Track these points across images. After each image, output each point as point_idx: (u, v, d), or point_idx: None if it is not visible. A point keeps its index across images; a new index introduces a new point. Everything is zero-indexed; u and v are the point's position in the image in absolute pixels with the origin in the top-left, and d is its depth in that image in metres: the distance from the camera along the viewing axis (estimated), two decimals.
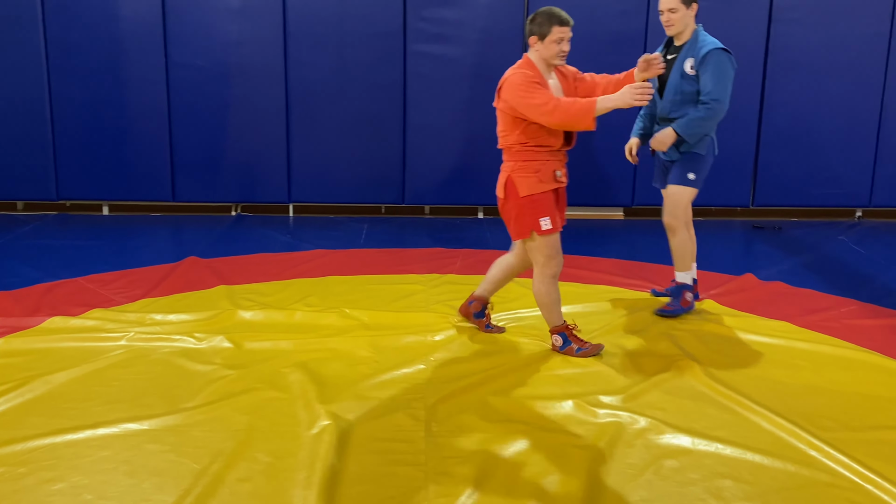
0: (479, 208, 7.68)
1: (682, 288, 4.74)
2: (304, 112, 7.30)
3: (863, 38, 7.16)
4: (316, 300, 4.96)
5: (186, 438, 3.23)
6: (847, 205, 7.54)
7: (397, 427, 3.35)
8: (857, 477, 3.01)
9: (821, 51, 7.18)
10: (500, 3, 7.11)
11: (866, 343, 4.36)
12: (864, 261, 6.13)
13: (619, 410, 3.51)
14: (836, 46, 7.17)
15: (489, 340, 4.32)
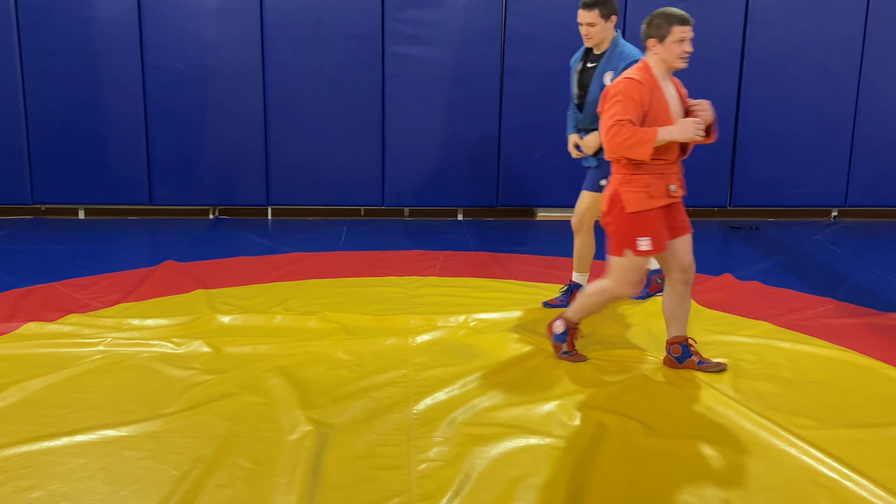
0: (459, 210, 7.68)
1: (573, 287, 4.94)
2: (282, 114, 7.26)
3: (837, 39, 7.23)
4: (295, 304, 4.93)
5: (165, 444, 3.20)
6: (823, 205, 7.61)
7: (379, 431, 3.34)
8: (836, 475, 3.04)
9: (796, 52, 7.24)
10: (478, 5, 7.12)
11: (843, 342, 4.40)
12: (840, 260, 6.19)
13: (601, 411, 3.52)
14: (811, 48, 7.24)
15: (470, 344, 4.32)
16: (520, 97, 7.28)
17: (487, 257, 6.09)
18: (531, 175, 7.44)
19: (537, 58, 7.20)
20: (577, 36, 7.13)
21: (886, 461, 3.15)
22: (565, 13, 7.10)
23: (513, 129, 7.35)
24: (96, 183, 7.23)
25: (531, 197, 7.53)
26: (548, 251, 6.36)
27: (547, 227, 7.36)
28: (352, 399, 3.62)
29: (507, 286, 5.34)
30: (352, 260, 5.96)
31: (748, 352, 4.24)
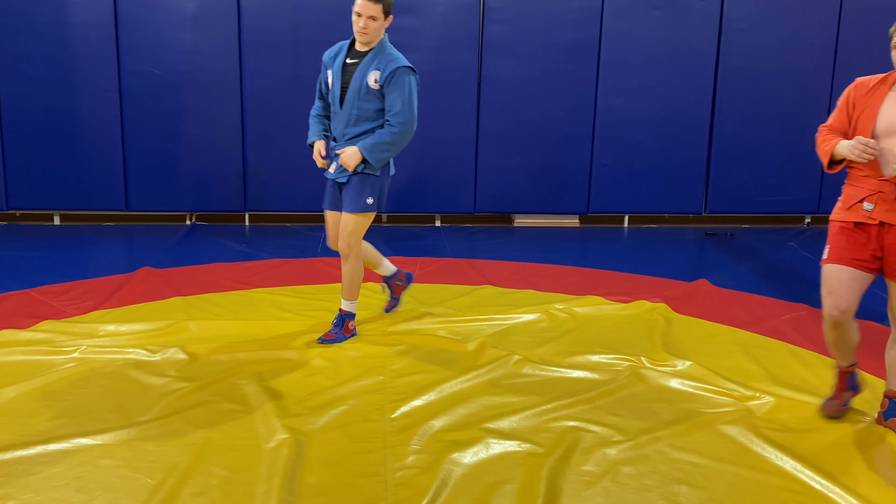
0: (437, 216, 7.69)
1: (345, 317, 4.46)
2: (259, 120, 7.25)
3: (810, 47, 7.33)
4: (273, 310, 4.92)
5: (140, 453, 3.18)
6: (796, 211, 7.70)
7: (356, 438, 3.34)
8: (809, 480, 3.07)
9: (770, 61, 7.33)
10: (456, 12, 7.15)
11: (816, 347, 4.46)
12: (813, 266, 6.27)
13: (577, 418, 3.54)
14: (785, 56, 7.33)
15: (447, 350, 4.33)
16: (497, 104, 7.32)
17: (465, 264, 6.11)
18: (509, 182, 7.47)
19: (514, 65, 7.24)
20: (555, 43, 7.24)
21: (858, 466, 3.19)
22: (542, 21, 7.16)
23: (490, 135, 7.38)
24: (72, 189, 7.18)
25: (509, 203, 7.57)
26: (525, 257, 6.39)
27: (524, 233, 7.39)
28: (329, 406, 3.62)
29: (484, 292, 5.35)
30: (330, 266, 5.96)
31: (723, 358, 4.28)
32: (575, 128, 7.41)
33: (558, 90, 7.30)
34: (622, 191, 7.51)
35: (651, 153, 7.44)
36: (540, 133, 7.40)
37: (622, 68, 7.28)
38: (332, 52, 4.33)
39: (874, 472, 3.16)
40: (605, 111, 7.36)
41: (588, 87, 7.32)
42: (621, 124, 7.38)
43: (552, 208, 7.61)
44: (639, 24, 7.21)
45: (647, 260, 6.40)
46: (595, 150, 7.43)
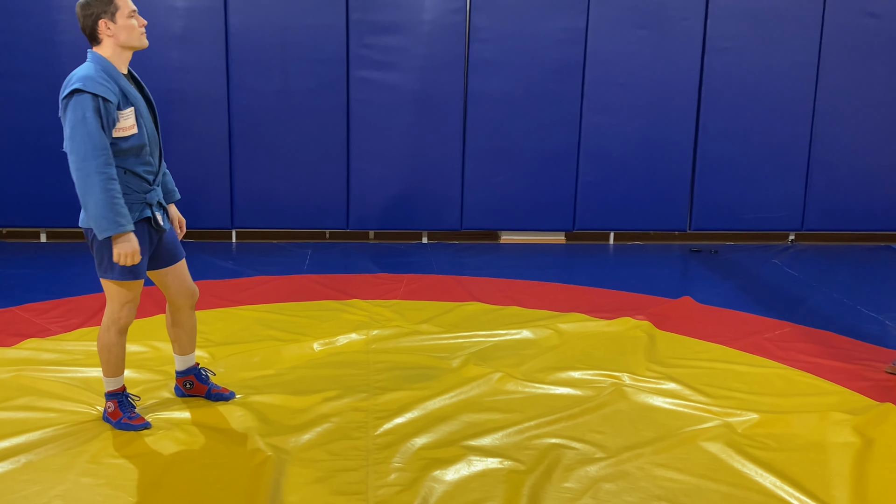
0: (424, 233, 7.72)
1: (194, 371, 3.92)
2: (247, 138, 7.27)
3: (792, 67, 7.41)
4: (258, 328, 4.93)
5: (122, 471, 3.18)
6: (780, 228, 7.76)
7: (338, 456, 3.35)
8: (789, 497, 3.10)
9: (753, 80, 7.41)
10: (442, 31, 7.20)
11: (800, 364, 4.49)
12: (797, 283, 6.32)
13: (559, 436, 3.56)
14: (768, 75, 7.40)
15: (431, 367, 4.34)
16: (483, 122, 7.37)
17: (451, 280, 6.14)
18: (495, 199, 7.51)
19: (500, 84, 7.29)
20: (540, 62, 7.31)
21: (839, 483, 3.22)
22: (527, 40, 7.23)
23: (476, 153, 7.42)
24: (58, 206, 7.16)
25: (495, 220, 7.60)
26: (511, 274, 6.42)
27: (511, 250, 7.42)
28: (311, 424, 3.62)
29: (470, 309, 5.37)
30: (316, 283, 5.97)
31: (705, 375, 4.31)
32: (560, 145, 7.47)
33: (544, 108, 7.36)
34: (607, 208, 7.56)
35: (636, 171, 7.50)
36: (526, 150, 7.45)
37: (607, 87, 7.35)
38: (107, 86, 3.25)
39: (854, 488, 3.18)
40: (591, 129, 7.42)
41: (573, 105, 7.38)
42: (606, 142, 7.44)
43: (538, 225, 7.64)
44: (623, 43, 7.28)
45: (631, 277, 6.44)
46: (580, 167, 7.48)
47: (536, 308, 5.45)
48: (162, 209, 3.56)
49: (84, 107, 3.17)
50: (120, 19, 3.31)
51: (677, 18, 7.27)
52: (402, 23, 7.16)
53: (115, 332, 3.50)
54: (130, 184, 3.37)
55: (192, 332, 3.81)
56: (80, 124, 3.18)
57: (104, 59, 3.32)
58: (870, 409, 3.87)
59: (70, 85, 3.23)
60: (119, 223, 3.22)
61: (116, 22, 3.30)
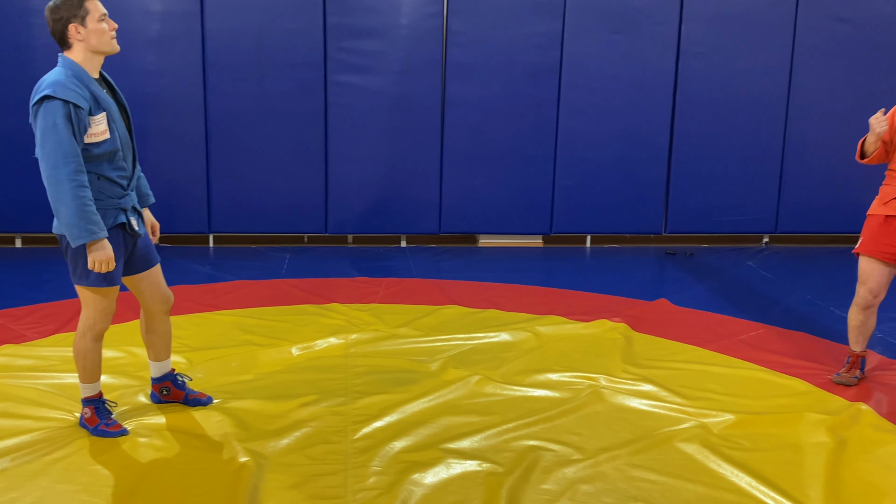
0: (402, 237, 7.73)
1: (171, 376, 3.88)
2: (224, 142, 7.25)
3: (765, 71, 7.50)
4: (236, 333, 4.92)
5: (98, 478, 3.16)
6: (754, 231, 7.85)
7: (317, 461, 3.35)
8: (763, 497, 3.14)
9: (727, 84, 7.49)
10: (419, 35, 7.22)
11: (774, 366, 4.55)
12: (771, 285, 6.39)
13: (537, 438, 3.58)
14: (741, 79, 7.49)
15: (410, 371, 4.35)
16: (461, 126, 7.39)
17: (430, 284, 6.15)
18: (473, 202, 7.53)
19: (478, 88, 7.32)
20: (517, 66, 7.34)
21: (812, 483, 3.26)
22: (504, 45, 7.26)
23: (455, 157, 7.44)
24: (33, 211, 7.10)
25: (473, 224, 7.63)
26: (489, 277, 6.44)
27: (489, 253, 7.45)
28: (290, 429, 3.62)
29: (448, 312, 5.39)
30: (294, 287, 5.96)
31: (681, 377, 4.35)
32: (538, 149, 7.51)
33: (521, 112, 7.40)
34: (584, 211, 7.61)
35: (612, 174, 7.55)
36: (503, 154, 7.48)
37: (583, 91, 7.40)
38: (78, 91, 3.22)
39: (828, 488, 3.23)
40: (567, 133, 7.46)
41: (550, 109, 7.42)
42: (582, 146, 7.49)
43: (516, 228, 7.68)
44: (599, 47, 7.33)
45: (608, 279, 6.48)
46: (557, 171, 7.53)
47: (514, 311, 5.48)
48: (136, 214, 3.55)
49: (54, 113, 3.14)
50: (90, 23, 3.27)
51: (652, 23, 7.34)
52: (379, 27, 7.18)
53: (90, 338, 3.48)
54: (104, 189, 3.35)
55: (166, 338, 3.80)
56: (50, 131, 3.14)
57: (75, 63, 3.29)
58: (843, 409, 3.93)
59: (40, 91, 3.19)
60: (91, 231, 3.20)
61: (87, 26, 3.27)
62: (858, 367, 4.34)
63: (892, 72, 7.58)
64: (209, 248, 7.45)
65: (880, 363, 4.61)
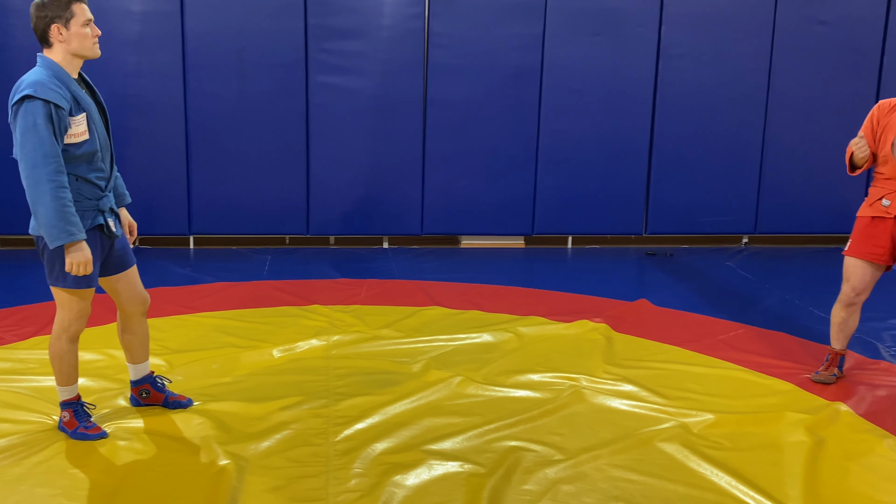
0: (385, 238, 7.73)
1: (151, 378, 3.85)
2: (204, 143, 7.22)
3: (745, 72, 7.56)
4: (216, 335, 4.90)
5: (77, 481, 3.14)
6: (734, 231, 7.90)
7: (298, 463, 3.34)
8: (743, 496, 3.16)
9: (706, 85, 7.54)
10: (401, 36, 7.22)
11: (754, 365, 4.58)
12: (751, 285, 6.44)
13: (518, 438, 3.59)
14: (720, 80, 7.54)
15: (392, 372, 4.35)
16: (443, 127, 7.40)
17: (412, 285, 6.15)
18: (455, 203, 7.54)
19: (459, 89, 7.33)
20: (498, 67, 7.35)
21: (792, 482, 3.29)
22: (485, 46, 7.28)
23: (437, 158, 7.45)
24: (11, 213, 7.03)
25: (455, 225, 7.63)
26: (471, 278, 6.45)
27: (471, 254, 7.46)
28: (271, 431, 3.61)
29: (430, 314, 5.39)
30: (276, 289, 5.95)
31: (661, 376, 4.38)
32: (519, 150, 7.52)
33: (503, 113, 7.41)
34: (566, 212, 7.63)
35: (593, 175, 7.58)
36: (485, 155, 7.50)
37: (564, 93, 7.42)
38: (58, 92, 3.21)
39: (806, 487, 3.25)
40: (548, 134, 7.49)
41: (531, 110, 7.44)
42: (564, 147, 7.51)
43: (498, 229, 7.69)
44: (579, 49, 7.36)
45: (589, 280, 6.51)
46: (539, 172, 7.55)
47: (496, 312, 5.49)
48: (114, 215, 3.53)
49: (35, 113, 3.12)
50: (74, 27, 3.26)
51: (632, 25, 7.37)
52: (361, 28, 7.17)
53: (66, 341, 3.45)
54: (82, 191, 3.33)
55: (144, 340, 3.78)
56: (30, 131, 3.12)
57: (55, 63, 3.27)
58: (821, 408, 3.96)
59: (20, 91, 3.16)
60: (70, 232, 3.18)
61: (70, 29, 3.25)
62: (837, 365, 4.38)
63: (869, 73, 7.66)
64: (189, 249, 7.42)
65: (858, 362, 4.65)
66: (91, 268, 3.28)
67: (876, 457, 3.52)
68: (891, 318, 5.51)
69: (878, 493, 3.22)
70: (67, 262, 3.24)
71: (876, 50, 7.63)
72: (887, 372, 4.54)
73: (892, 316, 5.55)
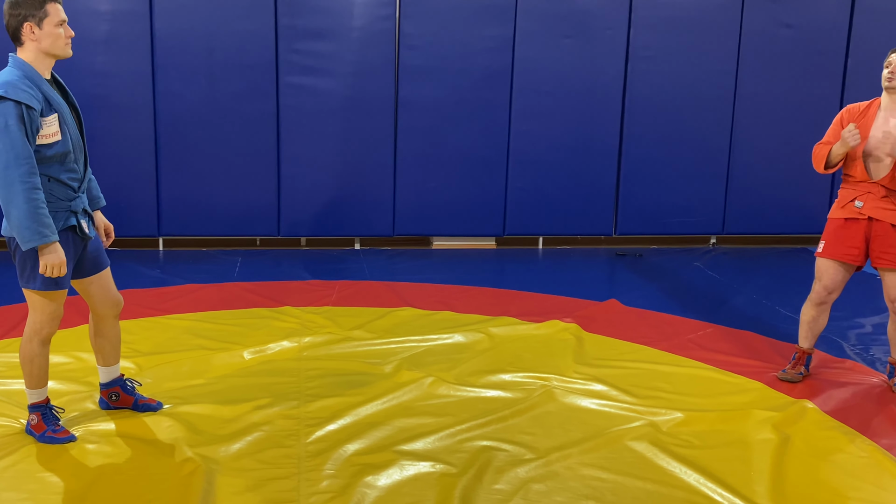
0: (356, 239, 7.72)
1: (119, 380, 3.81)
2: (174, 144, 7.16)
3: (712, 75, 7.65)
4: (186, 337, 4.86)
5: (46, 485, 3.11)
6: (702, 232, 7.99)
7: (269, 465, 3.33)
8: (711, 493, 3.20)
9: (675, 87, 7.62)
10: (371, 37, 7.22)
11: (722, 364, 4.64)
12: (719, 285, 6.52)
13: (490, 438, 3.61)
14: (689, 82, 7.63)
15: (364, 373, 4.35)
16: (414, 128, 7.41)
17: (384, 286, 6.15)
18: (427, 204, 7.55)
19: (430, 90, 7.34)
20: (469, 69, 7.37)
21: (759, 479, 3.34)
22: (456, 48, 7.30)
23: (408, 159, 7.46)
24: None
25: (427, 226, 7.65)
26: (443, 279, 6.47)
27: (443, 255, 7.48)
28: (242, 433, 3.60)
29: (402, 315, 5.40)
30: (246, 291, 5.92)
31: (631, 376, 4.42)
32: (490, 152, 7.56)
33: (473, 115, 7.44)
34: (536, 213, 7.68)
35: (563, 176, 7.63)
36: (457, 157, 7.52)
37: (534, 94, 7.47)
38: (30, 92, 3.19)
39: (773, 483, 3.30)
40: (519, 136, 7.52)
41: (502, 112, 7.48)
42: (534, 148, 7.55)
43: (469, 230, 7.71)
44: (549, 51, 7.41)
45: (560, 280, 6.55)
46: (510, 173, 7.58)
47: (468, 312, 5.50)
48: (87, 216, 3.50)
49: (6, 115, 3.11)
50: (47, 26, 3.25)
51: (601, 28, 7.43)
52: (331, 29, 7.16)
53: (37, 343, 3.42)
54: (54, 191, 3.30)
55: (116, 343, 3.75)
56: (2, 132, 3.11)
57: (26, 64, 3.25)
58: (788, 406, 4.02)
59: None
60: (43, 234, 3.16)
61: (42, 28, 3.24)
62: (804, 363, 4.45)
63: (833, 76, 7.79)
64: (159, 251, 7.36)
65: (825, 361, 4.72)
66: (65, 270, 3.26)
67: (841, 453, 3.58)
68: (856, 317, 5.61)
69: (843, 488, 3.28)
70: (42, 263, 3.22)
71: (840, 53, 7.76)
72: (853, 370, 4.62)
73: (857, 315, 5.64)
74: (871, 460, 3.52)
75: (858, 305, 5.82)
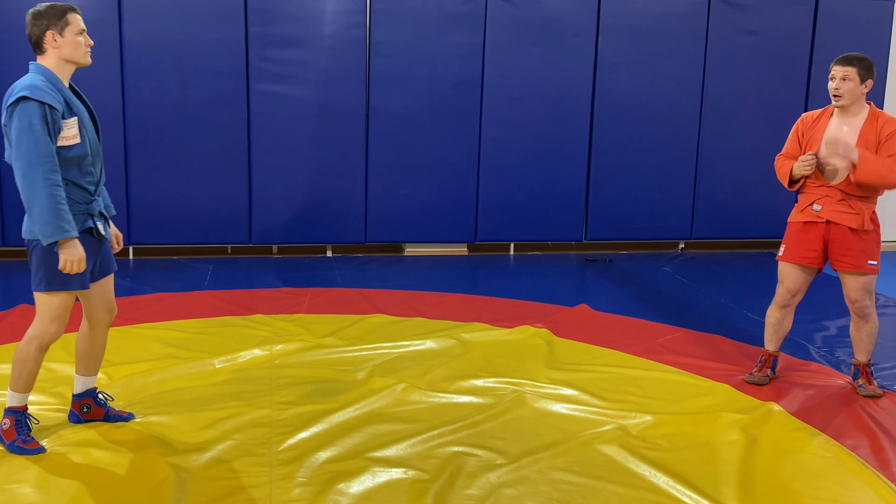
0: (328, 246, 7.72)
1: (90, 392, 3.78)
2: (143, 152, 7.12)
3: (680, 82, 7.75)
4: (156, 346, 4.84)
5: (15, 499, 3.09)
6: (670, 237, 8.09)
7: (241, 473, 3.33)
8: (680, 495, 3.25)
9: (643, 94, 7.71)
10: (342, 45, 7.23)
11: (690, 368, 4.70)
12: (687, 290, 6.60)
13: (462, 444, 3.63)
14: (656, 90, 7.73)
15: (336, 381, 4.36)
16: (385, 135, 7.43)
17: (356, 293, 6.16)
18: (398, 211, 7.57)
19: (401, 97, 7.37)
20: (440, 77, 7.41)
21: (727, 481, 3.39)
22: (427, 55, 7.33)
23: (379, 166, 7.47)
24: None
25: (399, 233, 7.66)
26: (415, 286, 6.48)
27: (414, 261, 7.50)
28: (214, 442, 3.59)
29: (374, 321, 5.40)
30: (217, 299, 5.90)
31: (601, 379, 4.47)
32: (461, 158, 7.59)
33: (444, 122, 7.47)
34: (507, 219, 7.72)
35: (533, 183, 7.69)
36: (428, 163, 7.55)
37: (504, 101, 7.52)
38: (52, 94, 3.29)
39: (741, 484, 3.36)
40: (489, 142, 7.57)
41: (473, 119, 7.52)
42: (505, 155, 7.61)
43: (441, 237, 7.74)
44: (519, 59, 7.47)
45: (531, 286, 6.60)
46: (481, 180, 7.63)
47: (439, 318, 5.53)
48: (103, 219, 3.58)
49: (30, 114, 3.20)
50: (68, 34, 3.37)
51: (570, 35, 7.51)
52: (302, 36, 7.16)
53: (35, 346, 3.45)
54: (72, 195, 3.39)
55: (101, 354, 3.78)
56: (26, 132, 3.19)
57: (48, 69, 3.37)
58: (755, 408, 4.09)
59: (15, 93, 3.25)
60: (64, 229, 3.23)
61: (64, 36, 3.36)
62: (770, 366, 4.52)
63: (796, 81, 7.93)
64: (129, 260, 7.31)
65: (790, 363, 4.80)
66: (84, 266, 3.32)
67: (806, 454, 3.64)
68: (822, 319, 5.71)
69: (808, 488, 3.34)
70: (61, 259, 3.27)
71: (804, 59, 7.90)
72: (818, 373, 4.70)
73: (823, 318, 5.74)
74: (835, 460, 3.58)
75: (824, 308, 5.92)
